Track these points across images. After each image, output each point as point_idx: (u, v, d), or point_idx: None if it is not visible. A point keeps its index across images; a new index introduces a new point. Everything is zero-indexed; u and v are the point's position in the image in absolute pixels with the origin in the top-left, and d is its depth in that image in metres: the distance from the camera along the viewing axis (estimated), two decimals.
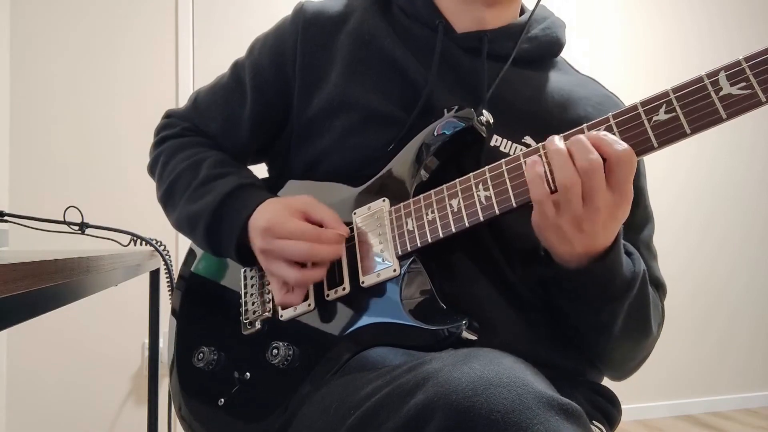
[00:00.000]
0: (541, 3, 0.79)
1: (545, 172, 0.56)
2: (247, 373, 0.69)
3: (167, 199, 0.81)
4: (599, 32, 2.82)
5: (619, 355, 0.72)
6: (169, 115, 0.90)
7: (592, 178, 0.53)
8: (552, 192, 0.56)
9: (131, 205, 2.21)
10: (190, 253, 0.87)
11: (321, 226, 0.67)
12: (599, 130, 0.56)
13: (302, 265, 0.66)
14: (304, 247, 0.64)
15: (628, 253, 0.66)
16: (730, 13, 3.02)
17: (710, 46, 2.95)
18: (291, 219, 0.66)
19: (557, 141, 0.56)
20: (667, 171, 2.77)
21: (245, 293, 0.75)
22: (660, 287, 0.77)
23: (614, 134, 0.55)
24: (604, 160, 0.54)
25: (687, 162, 2.87)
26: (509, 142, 0.70)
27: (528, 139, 0.71)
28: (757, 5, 3.07)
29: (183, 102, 2.30)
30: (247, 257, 0.71)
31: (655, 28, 2.93)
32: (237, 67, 0.86)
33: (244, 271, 0.77)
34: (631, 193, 0.56)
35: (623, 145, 0.53)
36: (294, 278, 0.66)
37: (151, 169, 0.87)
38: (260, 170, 0.87)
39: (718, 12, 3.01)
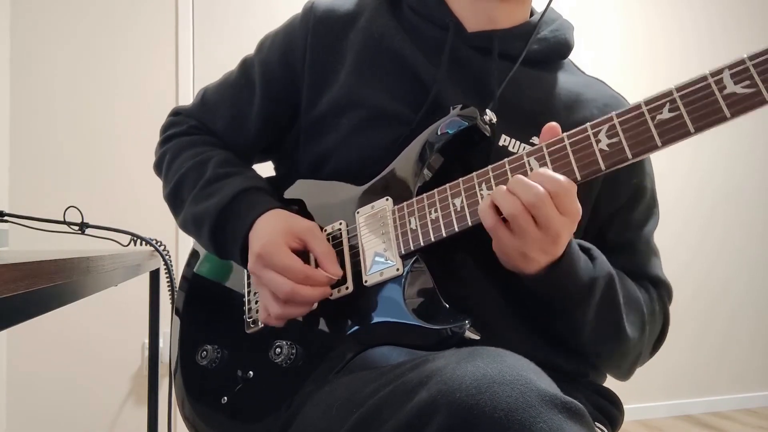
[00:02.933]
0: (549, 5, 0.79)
1: (491, 203, 0.58)
2: (250, 372, 0.69)
3: (173, 199, 0.81)
4: (598, 32, 2.82)
5: (602, 359, 0.72)
6: (177, 113, 0.90)
7: (541, 208, 0.55)
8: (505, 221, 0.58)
9: (131, 205, 2.21)
10: (193, 253, 0.87)
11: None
12: (602, 128, 0.56)
13: None
14: (287, 287, 0.63)
15: (593, 258, 0.66)
16: (730, 13, 3.02)
17: (709, 45, 2.95)
18: (283, 251, 0.64)
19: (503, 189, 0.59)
20: (667, 171, 2.76)
21: (248, 291, 0.75)
22: (659, 285, 0.76)
23: (617, 132, 0.55)
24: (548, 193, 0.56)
25: (686, 161, 2.87)
26: (517, 142, 0.70)
27: (535, 140, 0.70)
28: (756, 5, 3.07)
29: (183, 102, 2.31)
30: None
31: (654, 27, 2.93)
32: (245, 64, 0.85)
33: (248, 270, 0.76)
34: (579, 210, 0.58)
35: (560, 178, 0.56)
36: (274, 312, 0.65)
37: (157, 168, 0.87)
38: (264, 169, 0.87)
39: (717, 12, 3.01)
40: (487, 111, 0.67)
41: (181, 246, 2.27)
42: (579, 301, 0.64)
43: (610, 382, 0.76)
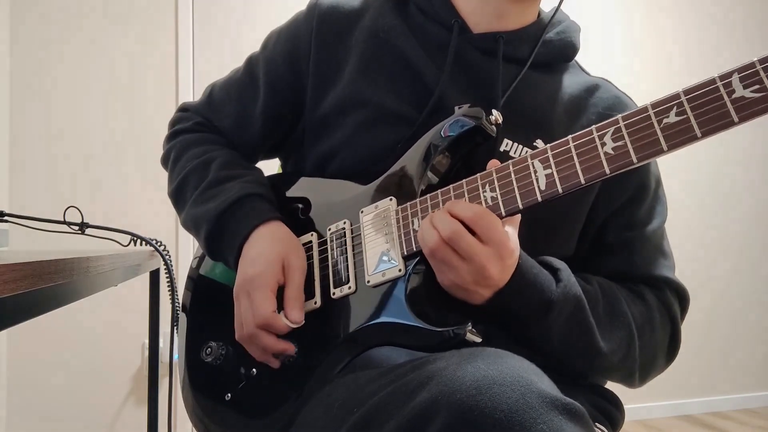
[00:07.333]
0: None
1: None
2: (253, 369, 0.70)
3: (177, 197, 0.82)
4: (599, 32, 2.82)
5: (579, 373, 0.71)
6: (185, 109, 0.90)
7: (458, 242, 0.56)
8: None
9: (131, 205, 2.21)
10: (200, 251, 0.87)
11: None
12: (608, 131, 0.55)
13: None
14: (250, 329, 0.66)
15: (558, 280, 0.65)
16: (733, 14, 3.02)
17: (710, 48, 2.95)
18: (263, 291, 0.65)
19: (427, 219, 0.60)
20: (667, 171, 2.76)
21: None
22: (664, 286, 0.75)
23: (623, 135, 0.54)
24: (464, 223, 0.56)
25: (687, 161, 2.86)
26: (519, 146, 0.70)
27: (539, 143, 0.70)
28: (757, 5, 3.07)
29: (182, 101, 2.31)
30: None
31: (654, 27, 2.93)
32: (251, 62, 0.86)
33: None
34: (504, 238, 0.57)
35: (470, 209, 0.57)
36: (241, 335, 0.68)
37: (164, 162, 0.88)
38: (271, 165, 0.87)
39: (718, 11, 3.01)
40: (494, 111, 0.67)
41: (181, 246, 2.27)
42: (533, 323, 0.63)
43: (611, 382, 0.76)
